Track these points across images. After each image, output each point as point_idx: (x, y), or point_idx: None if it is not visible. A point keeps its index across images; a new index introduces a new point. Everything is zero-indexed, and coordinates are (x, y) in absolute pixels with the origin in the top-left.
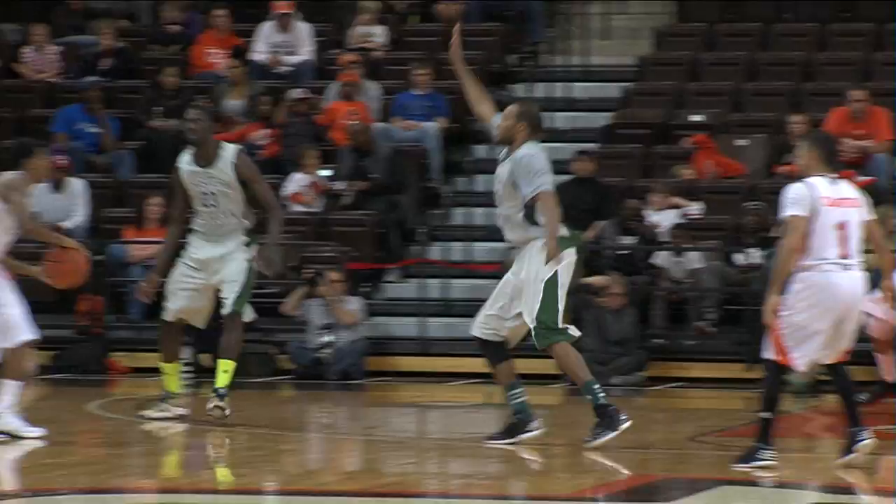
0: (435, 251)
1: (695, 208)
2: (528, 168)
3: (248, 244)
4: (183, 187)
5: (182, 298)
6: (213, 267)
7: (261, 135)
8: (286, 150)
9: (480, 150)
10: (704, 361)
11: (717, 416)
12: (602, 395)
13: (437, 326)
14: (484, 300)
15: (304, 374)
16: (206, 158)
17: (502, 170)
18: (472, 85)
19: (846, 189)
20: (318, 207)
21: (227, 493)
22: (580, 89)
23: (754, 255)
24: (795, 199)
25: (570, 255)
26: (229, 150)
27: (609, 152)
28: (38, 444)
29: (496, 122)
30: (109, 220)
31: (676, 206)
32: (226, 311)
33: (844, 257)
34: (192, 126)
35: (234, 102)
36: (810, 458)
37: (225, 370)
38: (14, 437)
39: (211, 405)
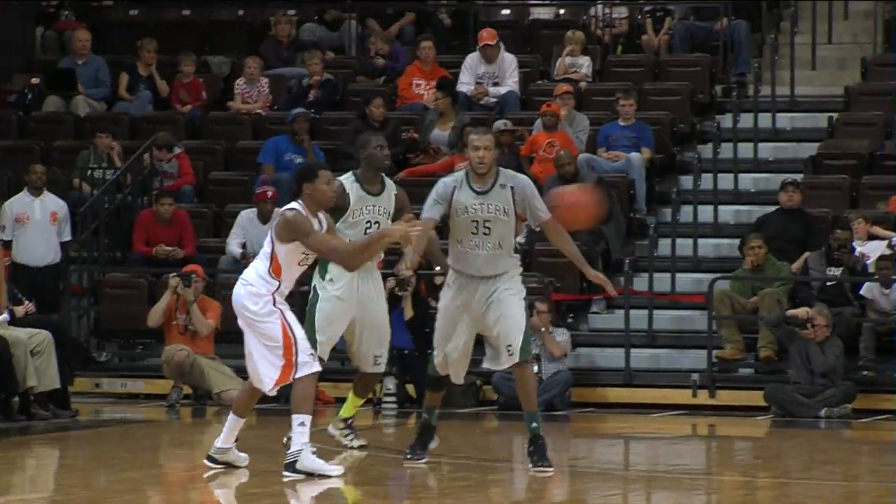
0: (640, 282)
1: None
2: (535, 192)
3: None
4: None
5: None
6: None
7: (466, 165)
8: None
9: (685, 181)
10: None
11: None
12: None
13: (642, 358)
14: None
15: (509, 405)
16: (376, 186)
17: (491, 198)
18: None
19: None
20: (522, 238)
21: None
22: (786, 120)
23: None
24: None
25: None
26: (389, 181)
27: (815, 183)
28: (247, 473)
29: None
30: None
31: (877, 237)
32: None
33: None
34: (387, 153)
35: (439, 133)
36: None
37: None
38: (231, 468)
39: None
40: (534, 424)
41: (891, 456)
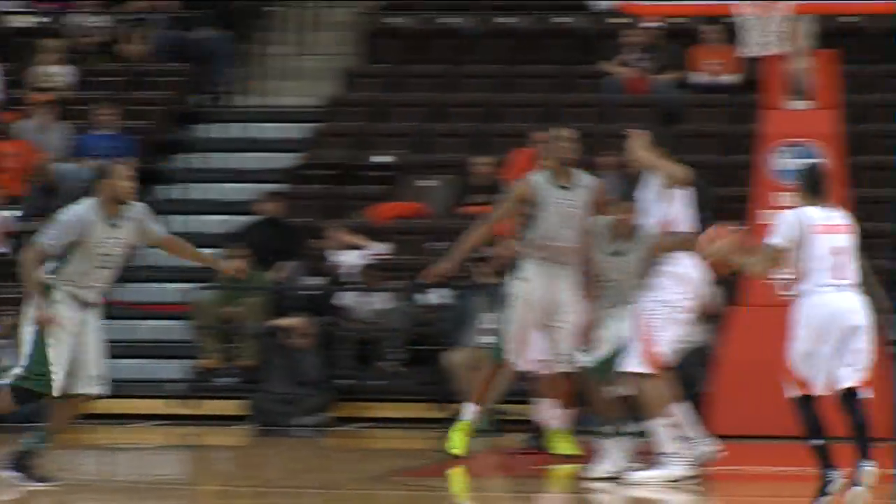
0: (121, 292)
1: (378, 248)
2: (149, 213)
3: None
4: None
5: None
6: None
7: None
8: None
9: (166, 191)
10: (391, 401)
11: (405, 455)
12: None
13: (123, 367)
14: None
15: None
16: None
17: (122, 233)
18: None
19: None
20: (5, 248)
21: None
22: (268, 130)
23: (444, 295)
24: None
25: None
26: None
27: (296, 193)
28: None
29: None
30: None
31: (357, 247)
32: None
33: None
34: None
35: None
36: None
37: None
38: None
39: None
40: (41, 445)
41: (368, 463)
